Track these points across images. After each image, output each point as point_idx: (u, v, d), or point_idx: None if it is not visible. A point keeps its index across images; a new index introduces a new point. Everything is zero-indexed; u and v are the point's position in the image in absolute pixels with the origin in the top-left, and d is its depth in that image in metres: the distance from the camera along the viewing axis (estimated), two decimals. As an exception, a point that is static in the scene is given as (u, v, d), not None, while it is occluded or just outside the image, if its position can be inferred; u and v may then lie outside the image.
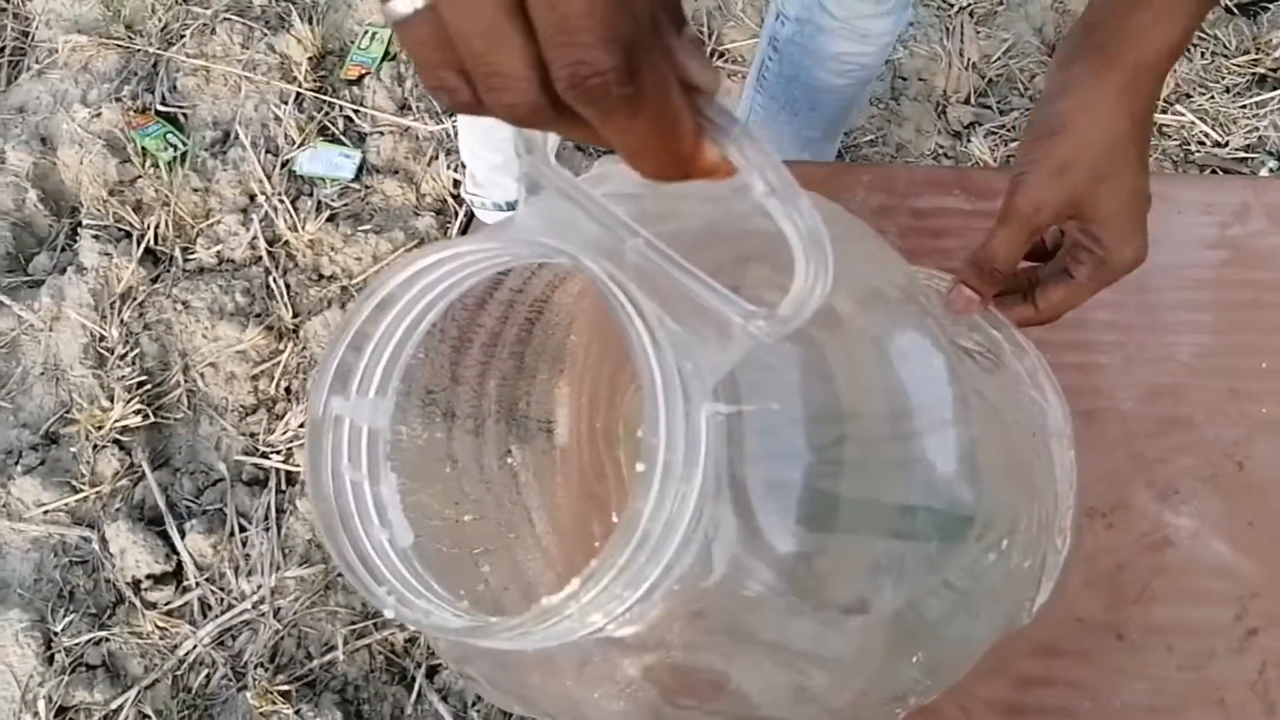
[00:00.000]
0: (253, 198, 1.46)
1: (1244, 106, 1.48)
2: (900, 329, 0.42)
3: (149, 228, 1.42)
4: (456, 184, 1.44)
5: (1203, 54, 1.53)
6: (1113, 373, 0.72)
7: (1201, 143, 1.46)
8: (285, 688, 1.10)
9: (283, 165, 1.48)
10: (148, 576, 1.18)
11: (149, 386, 1.31)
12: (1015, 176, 0.49)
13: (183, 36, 1.59)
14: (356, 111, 1.53)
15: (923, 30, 1.56)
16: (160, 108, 1.54)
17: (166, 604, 1.17)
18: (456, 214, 1.43)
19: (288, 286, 1.38)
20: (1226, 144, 1.45)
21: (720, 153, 0.27)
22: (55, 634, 1.15)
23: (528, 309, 0.46)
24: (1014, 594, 0.50)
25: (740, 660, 0.39)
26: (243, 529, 1.21)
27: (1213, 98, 1.49)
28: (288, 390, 1.31)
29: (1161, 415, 0.71)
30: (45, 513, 1.22)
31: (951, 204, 0.79)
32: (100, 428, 1.27)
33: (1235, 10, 1.57)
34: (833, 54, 1.06)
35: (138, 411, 1.27)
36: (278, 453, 1.26)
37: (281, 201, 1.43)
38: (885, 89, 1.52)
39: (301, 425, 1.26)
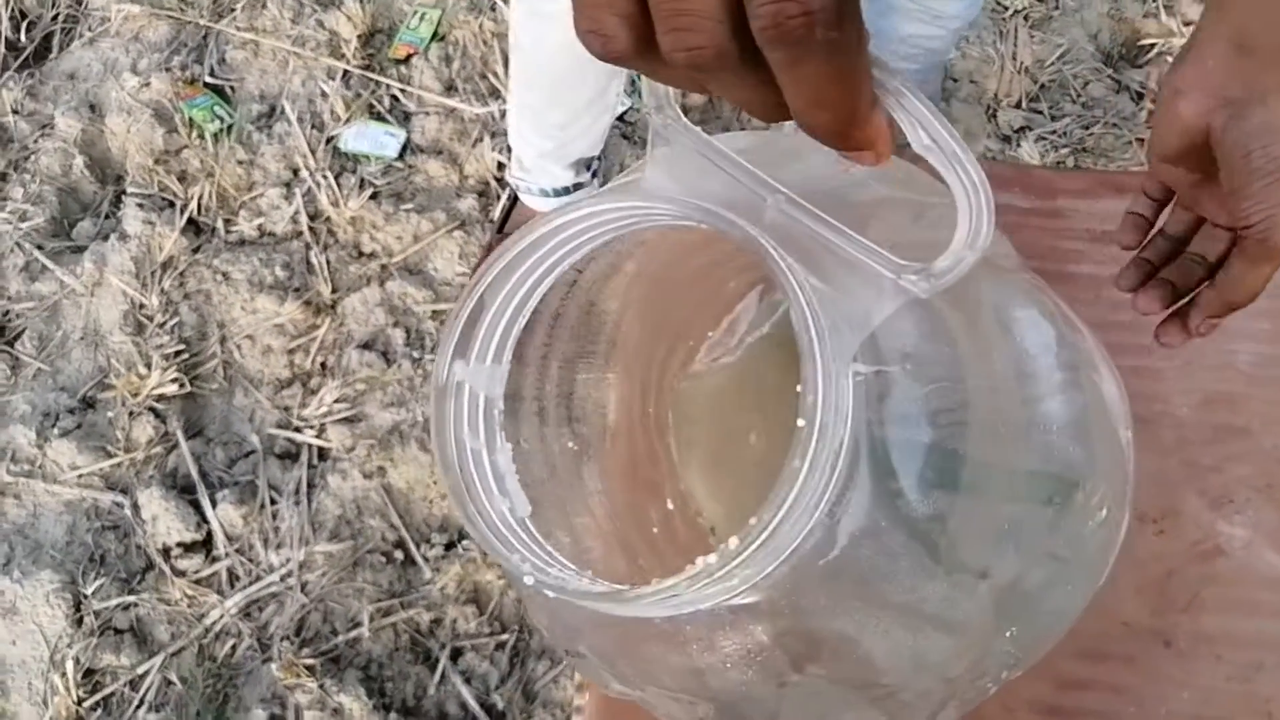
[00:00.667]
0: (296, 172, 1.46)
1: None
2: (1014, 296, 0.41)
3: (192, 198, 1.43)
4: (500, 167, 1.44)
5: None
6: (1170, 377, 0.71)
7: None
8: (310, 662, 1.10)
9: (327, 141, 1.48)
10: (178, 544, 1.18)
11: (186, 356, 1.32)
12: (1261, 229, 0.47)
13: (233, 10, 1.60)
14: (403, 91, 1.53)
15: (976, 32, 1.54)
16: (208, 80, 1.54)
17: (195, 572, 1.17)
18: (499, 197, 1.42)
19: (327, 262, 1.38)
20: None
21: (885, 118, 0.27)
22: (85, 596, 1.15)
23: (586, 293, 0.46)
24: (1098, 569, 0.49)
25: (870, 624, 0.38)
26: (273, 501, 1.21)
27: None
28: (323, 365, 1.31)
29: (1218, 423, 0.69)
30: (79, 476, 1.23)
31: (1007, 201, 0.78)
32: (137, 394, 1.27)
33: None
34: (902, 36, 1.04)
35: (174, 380, 1.28)
36: (311, 427, 1.26)
37: (325, 177, 1.44)
38: (935, 89, 1.51)
39: (336, 401, 1.27)
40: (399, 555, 1.18)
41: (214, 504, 1.20)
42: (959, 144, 0.28)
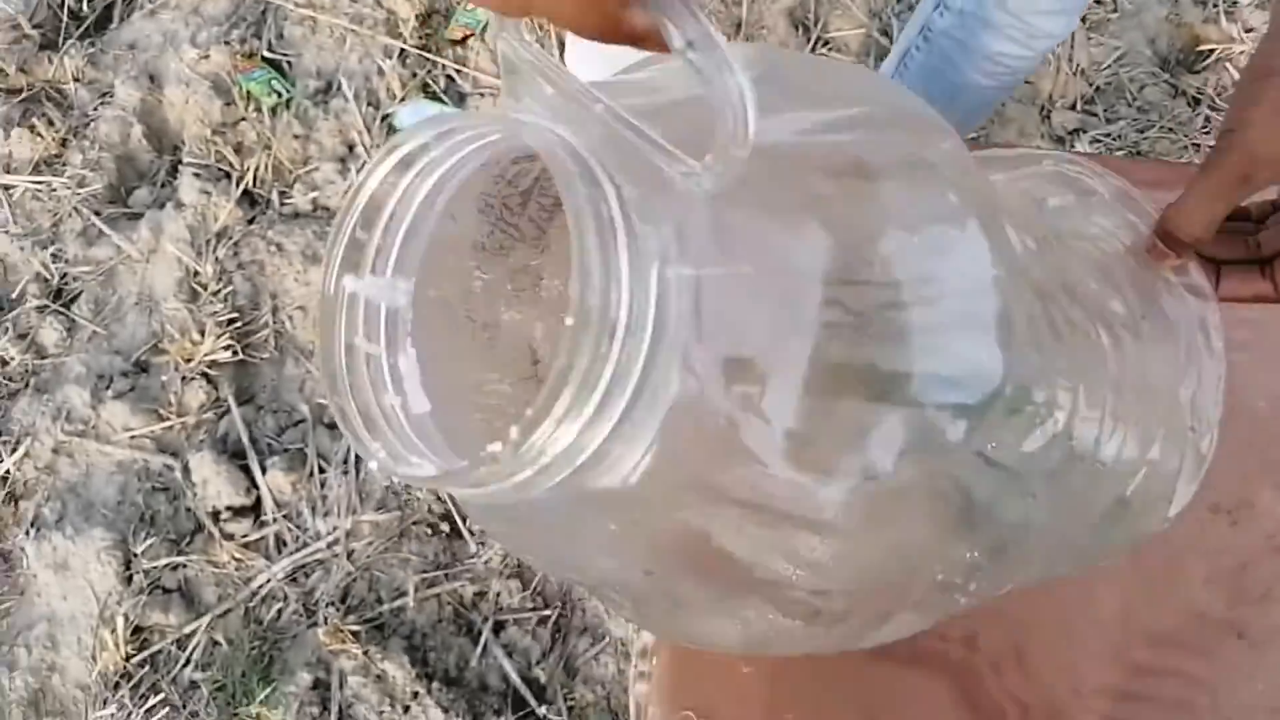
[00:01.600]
0: (351, 148, 1.47)
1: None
2: (921, 188, 0.39)
3: (248, 170, 1.44)
4: (554, 150, 1.45)
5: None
6: (1246, 370, 0.70)
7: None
8: (355, 628, 1.11)
9: (382, 119, 1.49)
10: (227, 508, 1.20)
11: (238, 324, 1.33)
12: (1224, 129, 0.43)
13: (293, -14, 1.61)
14: (459, 72, 1.53)
15: (1033, 32, 1.53)
16: (266, 54, 1.55)
17: (244, 536, 1.18)
18: (552, 179, 1.43)
19: (380, 237, 1.39)
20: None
21: (648, 19, 0.29)
22: (135, 555, 1.16)
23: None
24: (1101, 488, 0.48)
25: (717, 519, 0.38)
26: (322, 470, 1.22)
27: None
28: (374, 339, 1.32)
29: (1295, 417, 0.69)
30: (132, 438, 1.24)
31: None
32: (189, 360, 1.28)
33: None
34: (989, 53, 1.03)
35: (226, 347, 1.29)
36: (361, 399, 1.27)
37: (380, 154, 1.44)
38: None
39: (386, 374, 1.27)
40: (445, 528, 1.19)
41: (264, 470, 1.21)
42: (714, 41, 0.29)
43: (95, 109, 1.51)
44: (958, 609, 0.47)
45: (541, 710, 1.09)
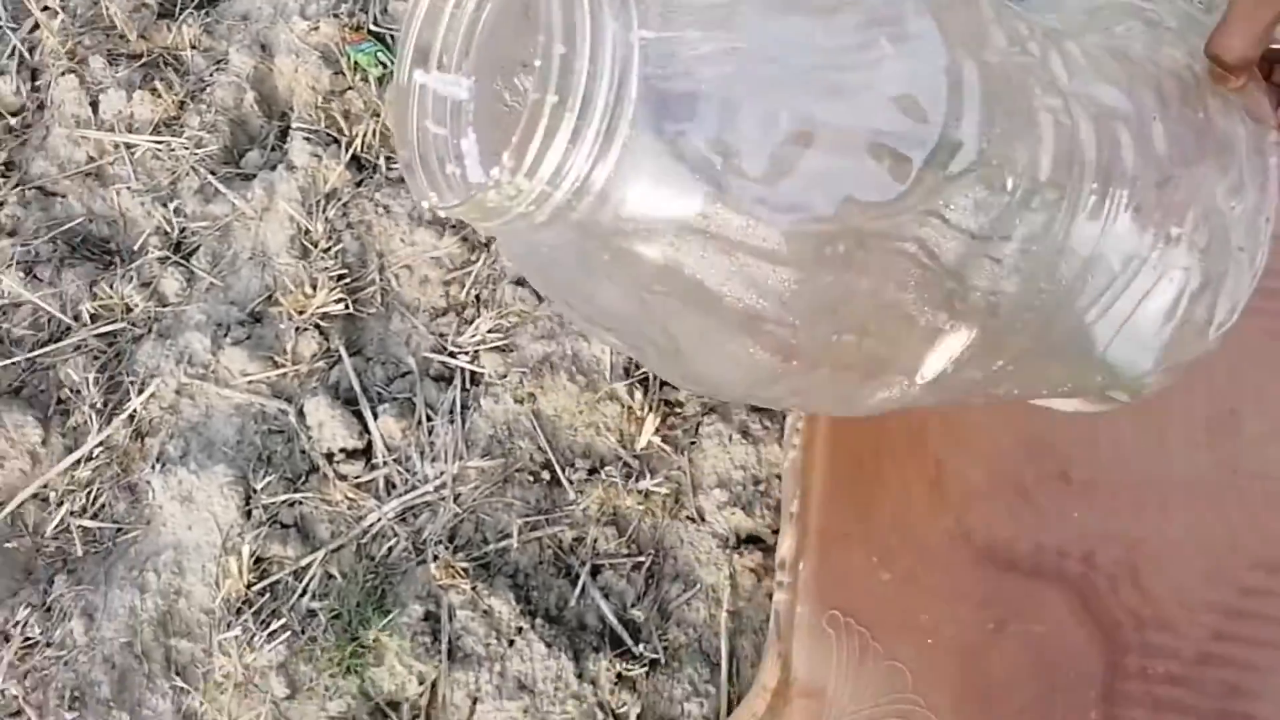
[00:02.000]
0: (454, 118, 1.53)
1: None
2: None
3: (356, 135, 1.51)
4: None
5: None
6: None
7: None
8: (464, 565, 1.17)
9: (483, 91, 1.55)
10: (340, 450, 1.26)
11: (347, 280, 1.40)
12: None
13: (398, -37, 1.68)
14: (556, 48, 1.60)
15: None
16: (373, 28, 1.62)
17: (356, 478, 1.25)
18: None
19: (482, 203, 1.45)
20: None
21: None
22: (255, 491, 1.23)
23: None
24: (1087, 273, 0.52)
25: (683, 247, 0.45)
26: (429, 419, 1.28)
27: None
28: (478, 298, 1.38)
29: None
30: (249, 382, 1.31)
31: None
32: (302, 312, 1.35)
33: None
34: None
35: (338, 300, 1.36)
36: (465, 353, 1.33)
37: (482, 124, 1.51)
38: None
39: (490, 331, 1.34)
40: (545, 476, 1.25)
41: (375, 416, 1.28)
42: None
43: (210, 75, 1.58)
44: (951, 390, 0.53)
45: (638, 649, 1.14)
